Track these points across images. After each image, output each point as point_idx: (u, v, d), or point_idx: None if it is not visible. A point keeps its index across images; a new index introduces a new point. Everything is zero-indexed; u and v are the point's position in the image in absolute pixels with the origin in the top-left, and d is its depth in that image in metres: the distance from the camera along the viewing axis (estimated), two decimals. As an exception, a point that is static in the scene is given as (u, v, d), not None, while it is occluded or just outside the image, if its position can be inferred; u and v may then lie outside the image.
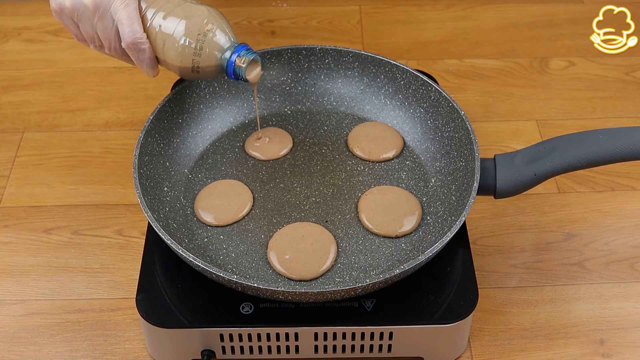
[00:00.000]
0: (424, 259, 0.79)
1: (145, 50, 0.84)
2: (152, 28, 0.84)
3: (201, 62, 0.84)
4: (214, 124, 0.99)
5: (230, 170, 0.95)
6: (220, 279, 0.78)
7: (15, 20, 1.28)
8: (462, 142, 0.91)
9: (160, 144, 0.93)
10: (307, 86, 1.02)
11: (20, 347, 0.88)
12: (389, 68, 0.99)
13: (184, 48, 0.83)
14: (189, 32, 0.83)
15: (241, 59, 0.85)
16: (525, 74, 1.20)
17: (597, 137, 0.84)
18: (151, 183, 0.88)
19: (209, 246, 0.87)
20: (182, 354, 0.84)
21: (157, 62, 0.86)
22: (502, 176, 0.86)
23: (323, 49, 1.00)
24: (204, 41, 0.83)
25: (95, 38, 0.86)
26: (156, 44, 0.84)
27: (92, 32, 0.85)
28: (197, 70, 0.85)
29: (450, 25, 1.28)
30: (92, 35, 0.86)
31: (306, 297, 0.77)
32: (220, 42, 0.84)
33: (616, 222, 1.00)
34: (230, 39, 0.85)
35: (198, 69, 0.85)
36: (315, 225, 0.88)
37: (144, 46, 0.83)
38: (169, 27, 0.83)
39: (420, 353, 0.85)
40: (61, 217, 1.00)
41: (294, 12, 1.29)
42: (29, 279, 0.94)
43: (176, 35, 0.83)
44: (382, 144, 0.97)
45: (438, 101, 0.95)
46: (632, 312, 0.91)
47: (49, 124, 1.12)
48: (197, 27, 0.83)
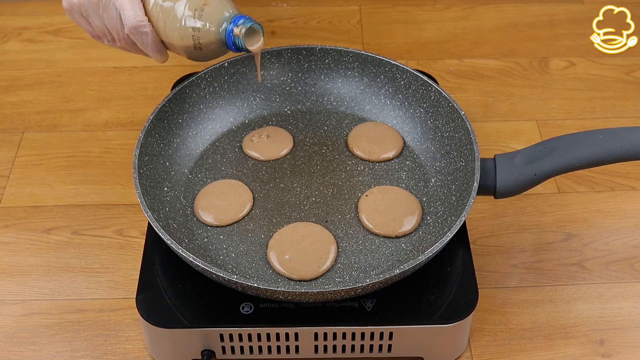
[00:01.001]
0: (424, 259, 0.79)
1: (148, 34, 0.83)
2: (153, 10, 0.83)
3: (201, 38, 0.83)
4: (214, 124, 0.99)
5: (230, 170, 0.95)
6: (220, 279, 0.78)
7: (15, 20, 1.28)
8: (462, 142, 0.91)
9: (160, 144, 0.93)
10: (307, 86, 1.02)
11: (20, 347, 0.88)
12: (389, 68, 0.99)
13: (182, 25, 0.83)
14: (187, 9, 0.82)
15: (238, 28, 0.83)
16: (525, 74, 1.20)
17: (597, 137, 0.84)
18: (151, 183, 0.88)
19: (209, 246, 0.87)
20: (182, 354, 0.84)
21: (162, 46, 0.86)
22: (502, 176, 0.86)
23: (323, 49, 1.00)
24: (202, 15, 0.82)
25: (106, 31, 0.86)
26: (158, 26, 0.84)
27: (102, 25, 0.86)
28: (199, 47, 0.84)
29: (450, 25, 1.28)
30: (102, 29, 0.86)
31: (306, 297, 0.77)
32: (217, 14, 0.83)
33: (616, 222, 1.00)
34: (229, 10, 0.84)
35: (200, 45, 0.84)
36: (315, 225, 0.88)
37: (146, 29, 0.83)
38: (168, 6, 0.83)
39: (420, 353, 0.85)
40: (61, 217, 1.00)
41: (294, 12, 1.29)
42: (29, 279, 0.94)
43: (176, 13, 0.82)
44: (382, 143, 0.97)
45: (438, 101, 0.95)
46: (632, 312, 0.91)
47: (49, 124, 1.12)
48: (195, 2, 0.83)
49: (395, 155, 0.96)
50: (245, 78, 1.00)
